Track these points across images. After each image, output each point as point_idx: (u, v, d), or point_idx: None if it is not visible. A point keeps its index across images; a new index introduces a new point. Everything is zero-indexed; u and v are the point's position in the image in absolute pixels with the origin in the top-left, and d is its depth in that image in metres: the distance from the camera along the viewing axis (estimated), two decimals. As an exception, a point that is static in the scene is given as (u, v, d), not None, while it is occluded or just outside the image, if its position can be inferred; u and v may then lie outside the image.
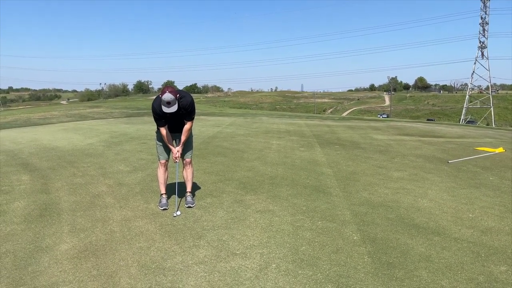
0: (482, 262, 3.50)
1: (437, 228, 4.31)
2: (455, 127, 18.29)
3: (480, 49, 71.80)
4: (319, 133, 12.98)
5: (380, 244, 3.85)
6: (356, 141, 11.14)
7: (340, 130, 14.29)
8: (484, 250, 3.74)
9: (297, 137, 11.64)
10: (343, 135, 12.65)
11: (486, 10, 69.82)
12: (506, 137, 13.68)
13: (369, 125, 17.23)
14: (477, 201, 5.32)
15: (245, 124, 16.59)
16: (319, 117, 25.99)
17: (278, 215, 4.65)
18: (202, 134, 12.08)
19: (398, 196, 5.48)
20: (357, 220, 4.51)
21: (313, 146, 9.82)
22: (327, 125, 16.66)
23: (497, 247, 3.82)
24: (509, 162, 8.06)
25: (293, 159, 7.99)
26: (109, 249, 3.69)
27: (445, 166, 7.58)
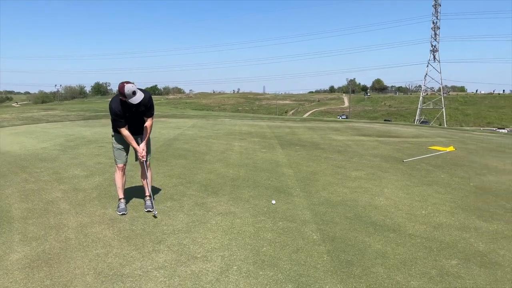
0: (434, 256, 3.66)
1: (393, 225, 4.47)
2: (410, 127, 19.04)
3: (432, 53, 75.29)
4: (281, 134, 13.11)
5: (339, 243, 3.94)
6: (316, 141, 11.35)
7: (301, 131, 14.50)
8: (436, 245, 3.91)
9: (259, 139, 11.70)
10: (304, 136, 12.85)
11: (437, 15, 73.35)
12: (456, 136, 14.40)
13: (328, 126, 17.60)
14: (430, 198, 5.56)
15: (207, 126, 16.48)
16: (280, 119, 26.26)
17: (240, 217, 4.65)
18: (163, 136, 11.88)
19: (356, 195, 5.63)
20: (317, 220, 4.59)
21: (274, 147, 9.91)
22: (288, 127, 16.86)
23: (448, 241, 4.01)
24: (459, 160, 8.48)
25: (255, 161, 8.02)
26: (63, 258, 3.54)
27: (400, 165, 7.87)
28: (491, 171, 7.39)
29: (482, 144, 11.82)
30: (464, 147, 10.72)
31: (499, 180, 6.65)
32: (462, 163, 8.22)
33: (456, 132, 17.31)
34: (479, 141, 12.81)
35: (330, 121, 23.13)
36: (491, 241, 4.03)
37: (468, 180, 6.67)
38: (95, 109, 31.84)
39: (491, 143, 12.30)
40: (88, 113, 25.93)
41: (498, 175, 7.09)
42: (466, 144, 11.63)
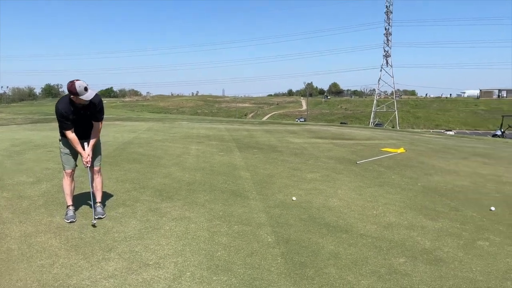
0: (383, 255, 3.78)
1: (345, 225, 4.58)
2: (364, 130, 19.68)
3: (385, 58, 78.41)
4: (239, 137, 13.12)
5: (293, 245, 3.98)
6: (274, 144, 11.45)
7: (259, 134, 14.59)
8: (385, 244, 4.04)
9: (217, 142, 11.64)
10: (262, 139, 12.93)
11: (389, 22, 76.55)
12: (407, 138, 15.05)
13: (286, 129, 17.83)
14: (381, 198, 5.76)
15: (163, 129, 16.19)
16: (239, 122, 26.31)
17: (195, 222, 4.59)
18: (117, 140, 11.53)
19: (310, 197, 5.72)
20: (272, 222, 4.62)
21: (232, 151, 9.89)
22: (246, 130, 16.91)
23: (397, 240, 4.15)
24: (409, 161, 8.86)
25: (212, 164, 7.97)
26: (4, 269, 3.33)
27: (354, 166, 8.09)
28: (438, 172, 7.77)
29: (430, 145, 12.41)
30: (414, 149, 11.21)
31: (444, 180, 7.00)
32: (412, 164, 8.59)
33: (407, 134, 18.08)
34: (427, 142, 13.45)
35: (288, 124, 23.46)
36: (436, 238, 4.22)
37: (417, 180, 6.97)
38: (45, 112, 30.43)
39: (438, 144, 12.95)
40: (37, 116, 24.73)
41: (444, 175, 7.46)
42: (416, 145, 12.16)
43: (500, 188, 6.46)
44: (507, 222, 4.77)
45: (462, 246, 4.01)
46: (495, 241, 4.16)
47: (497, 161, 9.41)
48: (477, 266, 3.54)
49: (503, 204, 5.52)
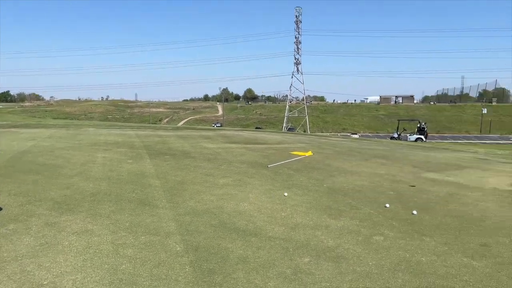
0: (290, 256, 3.90)
1: (254, 229, 4.65)
2: (276, 134, 20.32)
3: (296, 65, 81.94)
4: (150, 144, 12.70)
5: (203, 252, 3.93)
6: (187, 150, 11.29)
7: (172, 140, 14.28)
8: (292, 245, 4.18)
9: (126, 149, 11.13)
10: (175, 145, 12.67)
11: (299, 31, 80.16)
12: (315, 142, 15.86)
13: (200, 134, 17.71)
14: (289, 200, 5.96)
15: (67, 136, 15.06)
16: (151, 127, 25.52)
17: (98, 235, 4.32)
18: (11, 149, 10.45)
19: (222, 202, 5.72)
20: (182, 230, 4.53)
21: (142, 158, 9.54)
22: (159, 136, 16.44)
23: (303, 240, 4.32)
24: (316, 164, 9.32)
25: (119, 173, 7.59)
26: None
27: (265, 170, 8.29)
28: (341, 173, 8.28)
29: (336, 148, 13.22)
30: (321, 152, 11.84)
31: (347, 180, 7.49)
32: (318, 166, 9.05)
33: (315, 138, 19.06)
34: (333, 146, 14.31)
35: (202, 129, 23.33)
36: (338, 236, 4.48)
37: (323, 181, 7.35)
38: None
39: (343, 147, 13.85)
40: None
41: (347, 176, 7.98)
42: (323, 148, 12.86)
43: (395, 187, 7.09)
44: (399, 217, 5.23)
45: (360, 242, 4.30)
46: (389, 236, 4.53)
47: (392, 162, 10.32)
48: (373, 260, 3.82)
49: (396, 201, 6.05)
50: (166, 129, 22.44)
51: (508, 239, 4.45)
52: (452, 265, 3.71)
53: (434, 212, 5.46)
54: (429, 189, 6.92)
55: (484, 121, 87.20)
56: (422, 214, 5.36)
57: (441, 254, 3.98)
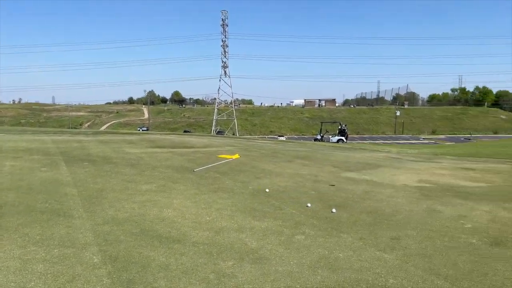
0: (214, 260, 3.88)
1: (178, 235, 4.56)
2: (203, 138, 20.19)
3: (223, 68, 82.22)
4: (67, 150, 11.91)
5: (122, 262, 3.76)
6: (108, 156, 10.77)
7: (92, 146, 13.54)
8: (216, 249, 4.16)
9: (40, 156, 10.33)
10: (94, 150, 12.02)
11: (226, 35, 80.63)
12: (243, 144, 16.02)
13: (123, 139, 17.01)
14: (215, 204, 5.94)
15: (-30, 143, 13.61)
16: (69, 132, 23.99)
17: (3, 251, 3.93)
18: None
19: (144, 209, 5.53)
20: (100, 241, 4.29)
21: (58, 165, 8.91)
22: (77, 141, 15.50)
23: (227, 244, 4.32)
24: (243, 167, 9.41)
25: (31, 182, 7.01)
26: None
27: (191, 174, 8.18)
28: (267, 174, 8.45)
29: (262, 150, 13.46)
30: (248, 154, 11.98)
31: (271, 182, 7.66)
32: (245, 168, 9.14)
33: (243, 140, 19.27)
34: (260, 148, 14.57)
35: (126, 134, 22.44)
36: (262, 238, 4.55)
37: (248, 184, 7.44)
38: None
39: (269, 149, 14.15)
40: None
41: (271, 177, 8.16)
42: (250, 151, 13.03)
43: (316, 186, 7.39)
44: (320, 216, 5.46)
45: (283, 242, 4.41)
46: (310, 234, 4.70)
47: (314, 162, 10.76)
48: (294, 259, 3.94)
49: (317, 200, 6.31)
50: (86, 134, 21.23)
51: (415, 231, 4.84)
52: (366, 259, 3.94)
53: (351, 210, 5.78)
54: (347, 187, 7.32)
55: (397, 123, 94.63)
56: (341, 211, 5.64)
57: (357, 249, 4.21)
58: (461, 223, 5.16)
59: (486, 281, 3.47)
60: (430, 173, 9.26)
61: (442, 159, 13.14)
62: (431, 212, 5.73)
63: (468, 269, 3.71)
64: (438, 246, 4.34)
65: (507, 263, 3.85)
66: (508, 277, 3.55)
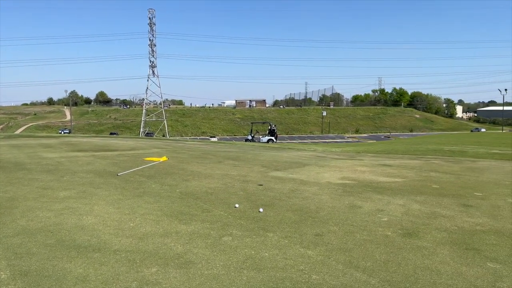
0: (136, 268, 3.71)
1: (98, 244, 4.31)
2: (129, 140, 19.43)
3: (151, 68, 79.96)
4: (-26, 156, 10.79)
5: (33, 276, 3.47)
6: (21, 161, 9.92)
7: (3, 150, 12.40)
8: (139, 256, 3.99)
9: None
10: (6, 155, 11.02)
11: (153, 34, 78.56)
12: (171, 146, 15.67)
13: (40, 143, 15.80)
14: (139, 209, 5.71)
15: None
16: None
17: None
18: None
19: (61, 218, 5.17)
20: (9, 255, 3.92)
21: (-39, 173, 8.02)
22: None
23: (151, 250, 4.17)
24: (170, 169, 9.18)
25: None
26: None
27: (114, 179, 7.81)
28: (195, 177, 8.33)
29: (191, 152, 13.27)
30: (176, 156, 11.73)
31: (200, 184, 7.56)
32: (173, 171, 8.93)
33: (172, 142, 18.85)
34: (189, 149, 14.34)
35: (44, 137, 20.89)
36: (188, 242, 4.45)
37: (176, 187, 7.27)
38: None
39: (199, 151, 13.99)
40: None
41: (200, 179, 8.06)
42: (178, 153, 12.78)
43: (244, 187, 7.43)
44: (247, 216, 5.49)
45: (209, 245, 4.36)
46: (237, 235, 4.70)
47: (244, 163, 10.83)
48: (220, 262, 3.90)
49: (245, 200, 6.34)
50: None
51: (337, 227, 5.05)
52: (291, 257, 4.03)
53: (278, 208, 5.89)
54: (275, 186, 7.46)
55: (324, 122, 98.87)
56: (268, 211, 5.72)
57: (282, 247, 4.29)
58: (378, 217, 5.48)
59: (400, 270, 3.71)
60: (352, 170, 9.76)
61: (363, 157, 13.93)
62: (352, 207, 6.02)
63: (383, 260, 3.95)
64: (358, 240, 4.56)
65: (418, 253, 4.16)
66: (419, 265, 3.82)
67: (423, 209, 5.95)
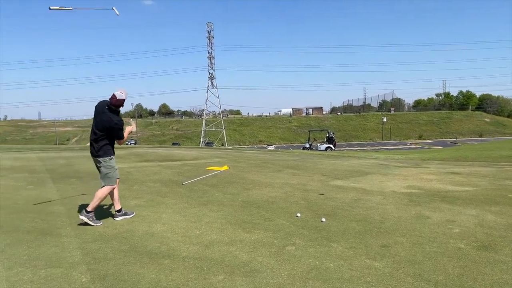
0: (204, 275, 3.84)
1: (168, 251, 4.51)
2: (192, 150, 20.11)
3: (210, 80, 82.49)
4: (54, 167, 11.77)
5: (110, 280, 3.71)
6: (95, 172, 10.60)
7: (79, 162, 13.40)
8: (206, 264, 4.13)
9: (25, 174, 10.18)
10: (82, 166, 11.90)
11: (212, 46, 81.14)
12: (232, 155, 15.99)
13: (111, 154, 16.87)
14: (204, 217, 5.90)
15: (-47, 163, 13.34)
16: (55, 149, 23.68)
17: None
18: None
19: (133, 225, 5.48)
20: (88, 259, 4.23)
21: (44, 183, 8.79)
22: (64, 157, 15.32)
23: (217, 258, 4.29)
24: (232, 178, 9.39)
25: (16, 201, 6.90)
26: None
27: (180, 188, 8.13)
28: (256, 185, 8.44)
29: (250, 161, 13.46)
30: (237, 165, 11.96)
31: (261, 193, 7.65)
32: (234, 180, 9.12)
33: (232, 151, 19.24)
34: (248, 158, 14.56)
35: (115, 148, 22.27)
36: (252, 250, 4.53)
37: (238, 195, 7.42)
38: None
39: (257, 159, 14.16)
40: None
41: (261, 188, 8.15)
42: (238, 162, 13.02)
43: (305, 196, 7.40)
44: (309, 225, 5.46)
45: (273, 254, 4.40)
46: (300, 245, 4.69)
47: (303, 171, 10.79)
48: (285, 271, 3.93)
49: (307, 210, 6.32)
50: (73, 150, 20.99)
51: (404, 238, 4.87)
52: (357, 268, 3.95)
53: (340, 218, 5.80)
54: (336, 196, 7.35)
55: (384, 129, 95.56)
56: (330, 220, 5.66)
57: (347, 258, 4.22)
58: (449, 228, 5.21)
59: (476, 285, 3.50)
60: (418, 179, 9.35)
61: (429, 164, 13.29)
62: (420, 218, 5.78)
63: (457, 274, 3.75)
64: (427, 252, 4.37)
65: (495, 267, 3.90)
66: (497, 281, 3.58)
67: (499, 220, 5.56)
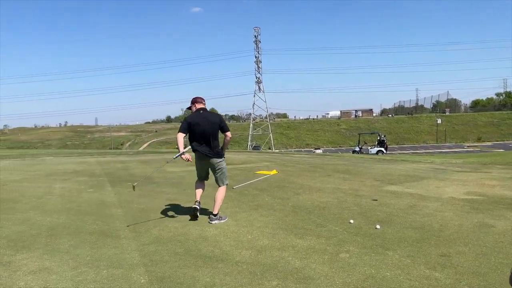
0: (258, 280, 3.85)
1: (221, 254, 4.58)
2: (241, 154, 20.33)
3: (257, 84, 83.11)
4: (111, 171, 12.36)
5: (168, 282, 3.82)
6: (150, 175, 11.05)
7: (134, 166, 13.97)
8: (259, 269, 4.14)
9: (86, 178, 10.78)
10: (136, 170, 12.40)
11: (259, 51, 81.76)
12: (280, 159, 16.00)
13: (164, 158, 17.45)
14: (255, 222, 5.94)
15: (21, 167, 14.40)
16: (112, 153, 24.87)
17: (56, 272, 4.10)
18: (-39, 184, 9.87)
19: (187, 229, 5.62)
20: (146, 261, 4.39)
21: (103, 186, 9.25)
22: (120, 161, 16.06)
23: (270, 263, 4.29)
24: (281, 183, 9.38)
25: (79, 203, 7.31)
26: None
27: (230, 192, 8.23)
28: (306, 190, 8.37)
29: (299, 165, 13.37)
30: (285, 170, 11.94)
31: (311, 198, 7.57)
32: (283, 184, 9.11)
33: (280, 155, 19.24)
34: (297, 162, 14.48)
35: (165, 153, 23.02)
36: (305, 256, 4.48)
37: (288, 200, 7.39)
38: None
39: (306, 164, 14.04)
40: None
41: (311, 193, 8.07)
42: (287, 166, 12.98)
43: (358, 201, 7.23)
44: (363, 232, 5.32)
45: (327, 261, 4.33)
46: (354, 252, 4.58)
47: (355, 176, 10.55)
48: (339, 278, 3.85)
49: (360, 216, 6.17)
50: (128, 154, 21.96)
51: (466, 248, 4.61)
52: (415, 278, 3.79)
53: (396, 225, 5.60)
54: (391, 202, 7.11)
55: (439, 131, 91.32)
56: (385, 227, 5.48)
57: (405, 267, 4.06)
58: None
59: (549, 301, 3.24)
60: (479, 184, 8.84)
61: (490, 169, 12.52)
62: (483, 226, 5.45)
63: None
64: (493, 263, 4.11)
65: None
66: None
67: None
